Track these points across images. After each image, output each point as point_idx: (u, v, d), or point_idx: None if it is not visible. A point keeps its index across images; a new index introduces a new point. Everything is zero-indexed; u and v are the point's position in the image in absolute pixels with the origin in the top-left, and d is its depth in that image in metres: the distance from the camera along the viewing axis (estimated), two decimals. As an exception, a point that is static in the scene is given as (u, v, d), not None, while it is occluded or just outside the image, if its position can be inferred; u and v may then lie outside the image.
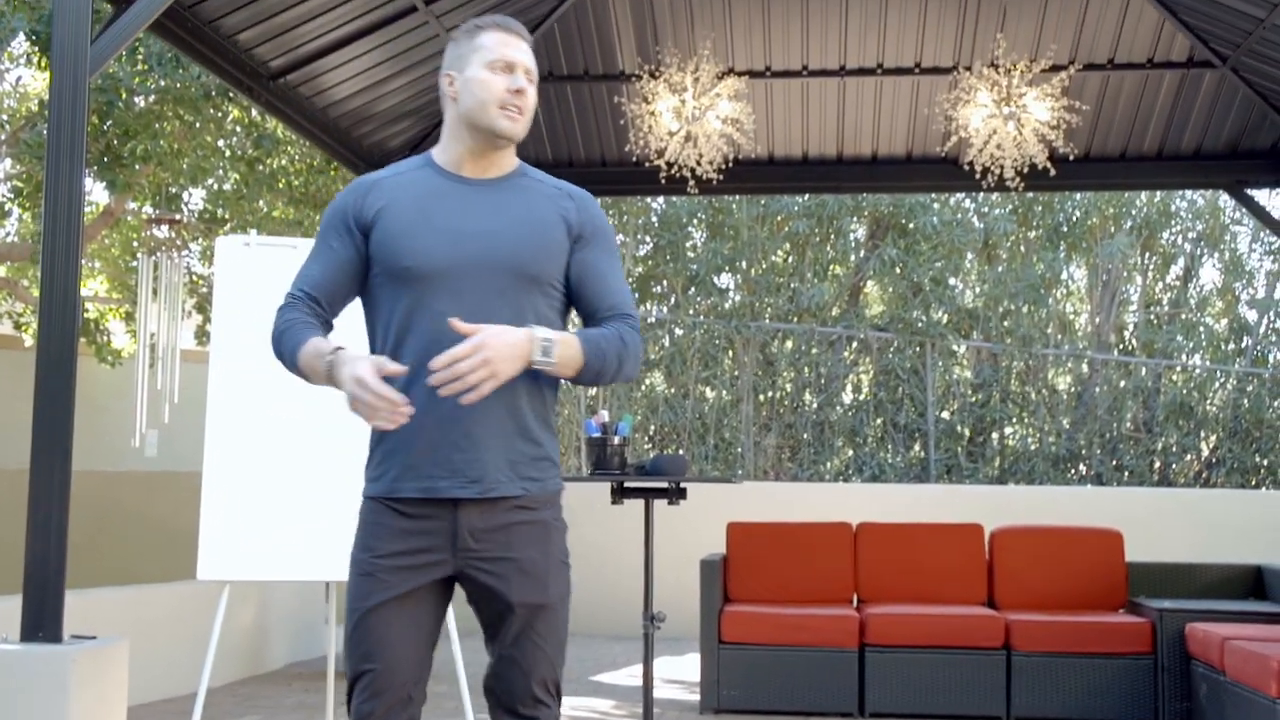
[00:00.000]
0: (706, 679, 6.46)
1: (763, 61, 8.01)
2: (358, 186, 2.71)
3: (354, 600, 2.62)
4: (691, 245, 14.11)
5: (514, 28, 2.73)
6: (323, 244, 2.70)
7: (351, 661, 2.61)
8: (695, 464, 12.81)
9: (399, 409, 2.41)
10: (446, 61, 2.74)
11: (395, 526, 2.64)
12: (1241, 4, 6.93)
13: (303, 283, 2.69)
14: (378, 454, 2.69)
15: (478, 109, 2.65)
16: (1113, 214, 13.99)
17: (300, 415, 5.10)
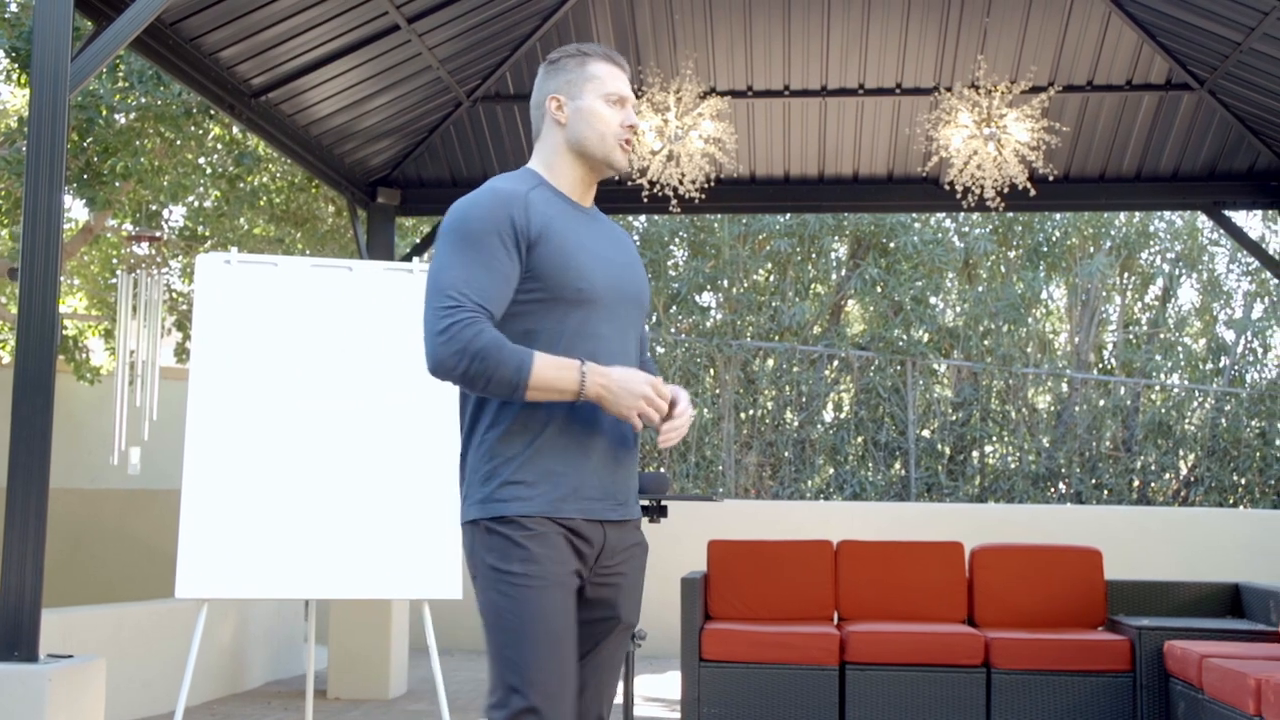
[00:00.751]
0: (687, 697, 6.45)
1: (744, 81, 8.05)
2: (508, 199, 2.63)
3: (525, 618, 2.53)
4: (673, 264, 14.13)
5: (621, 61, 2.82)
6: (484, 254, 2.57)
7: (545, 688, 2.53)
8: (676, 482, 12.81)
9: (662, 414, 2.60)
10: (551, 85, 2.78)
11: (561, 544, 2.61)
12: (1219, 27, 6.99)
13: (478, 296, 2.54)
14: (523, 472, 2.61)
15: (596, 140, 2.74)
16: (1092, 234, 14.08)
17: (280, 433, 5.09)
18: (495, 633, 2.56)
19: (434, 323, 2.52)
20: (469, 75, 7.94)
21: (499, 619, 2.55)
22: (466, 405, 2.70)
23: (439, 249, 2.63)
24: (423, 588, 5.11)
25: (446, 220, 2.65)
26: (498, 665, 2.55)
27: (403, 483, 5.19)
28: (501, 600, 2.54)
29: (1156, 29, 7.48)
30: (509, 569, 2.55)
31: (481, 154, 8.51)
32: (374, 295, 5.34)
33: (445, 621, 9.84)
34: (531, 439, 2.60)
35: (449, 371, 2.51)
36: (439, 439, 5.28)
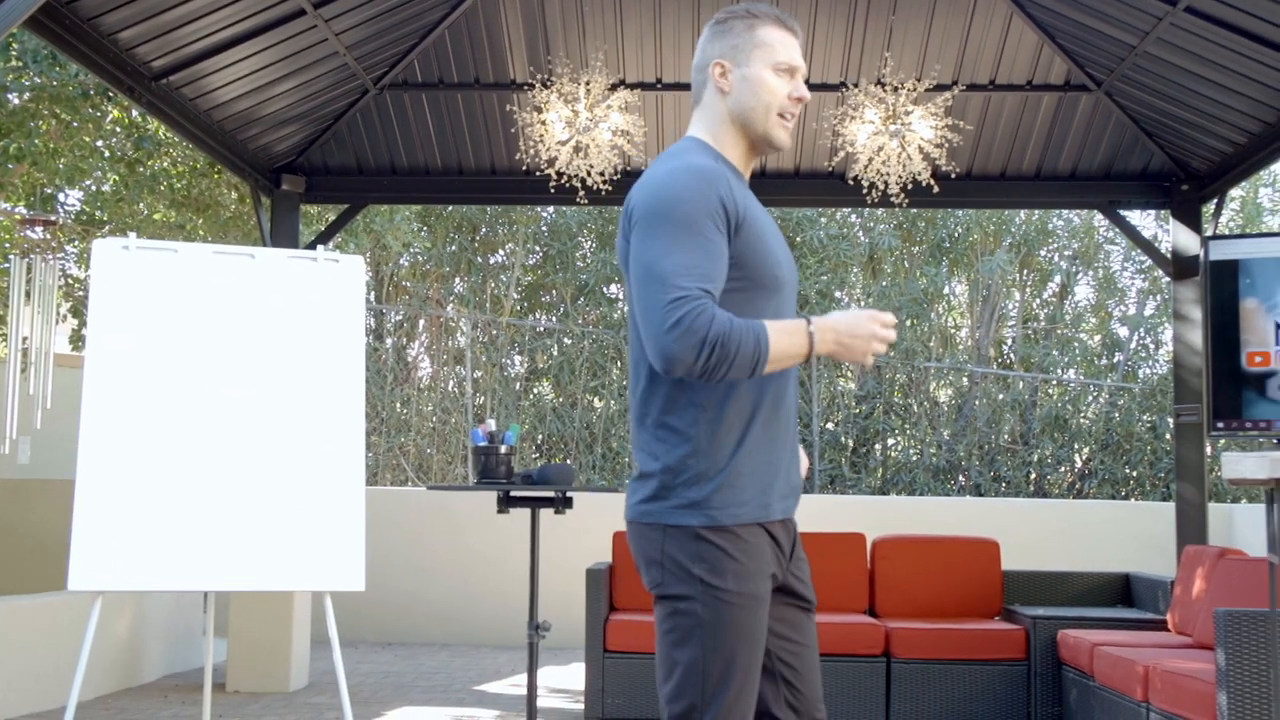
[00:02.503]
0: (591, 688, 6.47)
1: (654, 73, 8.06)
2: (713, 178, 2.45)
3: (731, 637, 2.44)
4: (581, 255, 14.12)
5: (793, 26, 2.63)
6: (699, 237, 2.39)
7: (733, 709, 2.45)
8: (582, 473, 12.82)
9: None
10: (716, 48, 2.60)
11: (767, 551, 2.52)
12: (1116, 31, 7.16)
13: (702, 280, 2.37)
14: (734, 475, 2.48)
15: (760, 112, 2.57)
16: (993, 231, 14.34)
17: (178, 422, 5.01)
18: (694, 643, 2.44)
19: (661, 318, 2.35)
20: (376, 62, 7.86)
21: (701, 631, 2.44)
22: (654, 396, 2.52)
23: (647, 235, 2.43)
24: (325, 579, 5.06)
25: (650, 202, 2.45)
26: (696, 678, 2.45)
27: (304, 473, 5.13)
28: (707, 614, 2.43)
29: (1056, 31, 7.64)
30: (723, 585, 2.44)
31: (389, 142, 8.42)
32: (277, 283, 5.27)
33: (348, 613, 9.75)
34: (740, 437, 2.49)
35: (687, 366, 2.35)
36: (341, 429, 5.23)
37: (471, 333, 13.68)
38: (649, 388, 2.53)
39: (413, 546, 10.12)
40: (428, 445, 13.19)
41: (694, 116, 2.67)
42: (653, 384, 2.52)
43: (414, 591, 10.06)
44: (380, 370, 13.10)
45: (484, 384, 13.39)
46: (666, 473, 2.48)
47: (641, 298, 2.40)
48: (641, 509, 2.53)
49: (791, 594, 2.64)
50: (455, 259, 13.97)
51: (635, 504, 2.55)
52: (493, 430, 5.34)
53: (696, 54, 2.67)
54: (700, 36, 2.69)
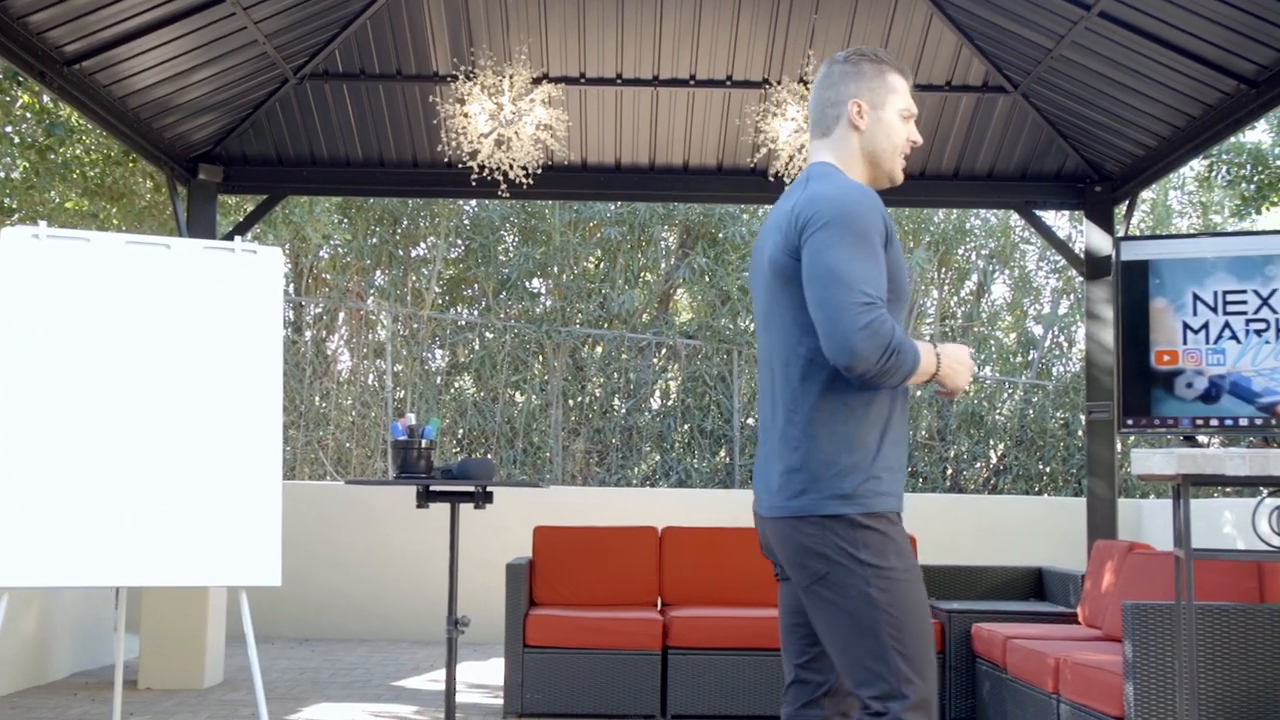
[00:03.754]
0: (510, 683, 6.45)
1: (577, 68, 8.05)
2: (876, 198, 2.72)
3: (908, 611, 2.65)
4: (503, 249, 14.07)
5: (908, 73, 2.95)
6: (874, 250, 2.65)
7: (928, 676, 2.66)
8: (503, 468, 12.78)
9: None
10: (852, 88, 2.87)
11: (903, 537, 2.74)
12: (1032, 33, 7.28)
13: (879, 290, 2.62)
14: (880, 467, 2.70)
15: (888, 152, 2.87)
16: (912, 229, 14.51)
17: (89, 414, 4.91)
18: (877, 627, 2.62)
19: (853, 317, 2.55)
20: (297, 52, 7.76)
21: (880, 613, 2.62)
22: (806, 395, 2.72)
23: (829, 241, 2.63)
24: (240, 574, 4.99)
25: (831, 212, 2.66)
26: (885, 658, 2.61)
27: (219, 466, 5.06)
28: (881, 595, 2.62)
29: (975, 32, 7.74)
30: (888, 564, 2.64)
31: (309, 133, 8.33)
32: (193, 274, 5.18)
33: (264, 608, 9.64)
34: (881, 433, 2.71)
35: (867, 365, 2.55)
36: (258, 422, 5.16)
37: (392, 326, 13.57)
38: (801, 388, 2.73)
39: (330, 541, 10.02)
40: (347, 439, 13.07)
41: (819, 145, 2.92)
42: (805, 384, 2.73)
43: (332, 586, 9.96)
44: (299, 363, 12.95)
45: (404, 378, 13.29)
46: (820, 467, 2.68)
47: (826, 299, 2.60)
48: (795, 504, 2.70)
49: None
50: (376, 251, 13.84)
51: (785, 499, 2.73)
52: (412, 424, 5.31)
53: (824, 88, 2.92)
54: (823, 72, 2.95)
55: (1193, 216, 15.73)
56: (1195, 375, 4.52)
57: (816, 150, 2.92)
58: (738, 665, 6.48)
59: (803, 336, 2.72)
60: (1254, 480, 4.14)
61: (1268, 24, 6.09)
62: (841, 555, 2.64)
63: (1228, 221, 14.74)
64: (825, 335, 2.60)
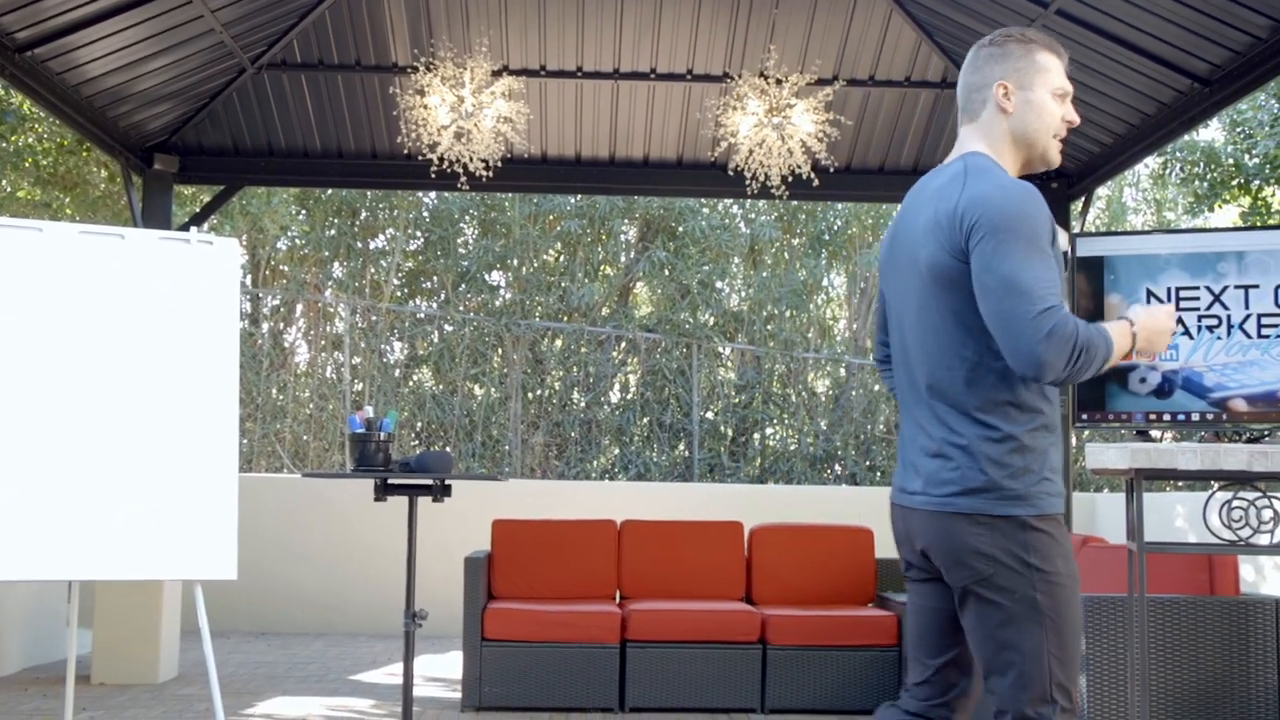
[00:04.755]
0: (468, 676, 6.44)
1: (538, 61, 8.03)
2: (1040, 195, 2.67)
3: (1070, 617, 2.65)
4: (463, 241, 14.02)
5: (1062, 51, 2.83)
6: (1045, 252, 2.61)
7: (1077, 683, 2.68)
8: (462, 461, 12.74)
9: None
10: (998, 70, 2.79)
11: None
12: (989, 30, 7.31)
13: (1056, 293, 2.58)
14: (1050, 469, 2.70)
15: (1041, 133, 2.77)
16: (871, 224, 14.57)
17: (42, 406, 4.86)
18: (1039, 630, 2.60)
19: (1035, 329, 2.52)
20: (254, 41, 7.69)
21: (1044, 617, 2.61)
22: (973, 394, 2.69)
23: (1000, 248, 2.58)
24: (195, 568, 4.95)
25: (998, 217, 2.60)
26: (1043, 662, 2.60)
27: (175, 459, 5.02)
28: (1045, 600, 2.61)
29: (934, 29, 7.78)
30: (1054, 569, 2.62)
31: (266, 123, 8.26)
32: (148, 266, 5.13)
33: (220, 602, 9.57)
34: (1052, 435, 2.71)
35: (1057, 371, 2.55)
36: (214, 415, 5.12)
37: (350, 318, 13.50)
38: (968, 390, 2.70)
39: (287, 534, 9.96)
40: (304, 432, 12.99)
41: (968, 131, 2.85)
42: (972, 387, 2.70)
43: (288, 580, 9.91)
44: (255, 355, 12.86)
45: (363, 370, 13.23)
46: (993, 467, 2.65)
47: (1003, 310, 2.57)
48: (963, 501, 2.67)
49: None
50: (334, 243, 13.76)
51: (948, 496, 2.69)
52: (370, 417, 5.28)
53: (970, 73, 2.85)
54: (969, 56, 2.88)
55: (1147, 213, 15.89)
56: (1149, 370, 4.57)
57: (966, 137, 2.85)
58: (695, 658, 6.49)
59: (967, 339, 2.69)
60: (1205, 474, 4.19)
61: (1221, 24, 6.15)
62: (1009, 557, 2.63)
63: (1181, 219, 14.90)
64: (1009, 350, 2.58)
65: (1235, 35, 6.21)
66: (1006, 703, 2.63)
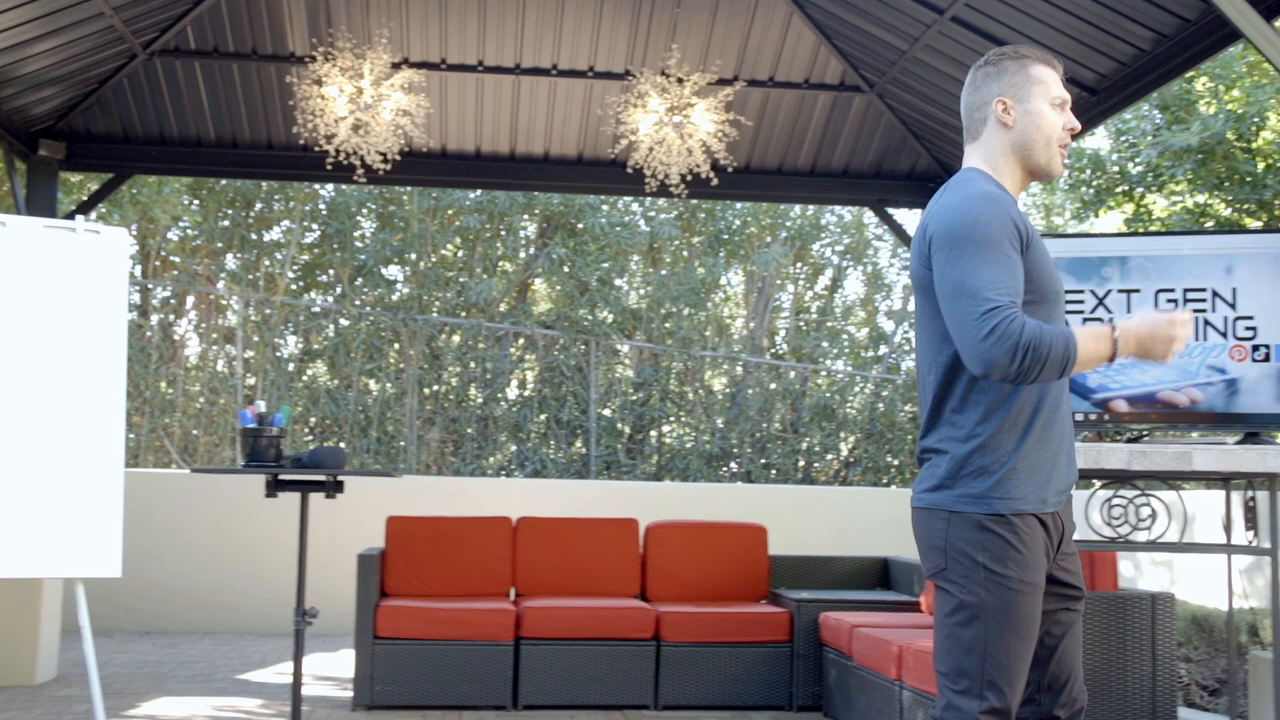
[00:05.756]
0: (360, 674, 6.37)
1: (438, 54, 7.97)
2: (1004, 202, 2.74)
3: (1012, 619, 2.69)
4: (360, 235, 13.86)
5: (1056, 63, 2.91)
6: (999, 255, 2.66)
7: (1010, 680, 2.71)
8: (356, 457, 12.60)
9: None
10: (996, 87, 2.88)
11: (1041, 542, 2.75)
12: (888, 35, 7.44)
13: (1006, 292, 2.64)
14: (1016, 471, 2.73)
15: (1041, 144, 2.84)
16: (769, 224, 14.71)
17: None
18: (977, 627, 2.68)
19: (977, 329, 2.60)
20: (146, 26, 7.52)
21: (985, 615, 2.68)
22: (950, 394, 2.80)
23: (951, 256, 2.69)
24: (78, 565, 4.84)
25: (950, 226, 2.71)
26: (979, 657, 2.68)
27: (58, 454, 4.89)
28: (990, 599, 2.68)
29: (833, 32, 7.88)
30: (1004, 571, 2.68)
31: (158, 110, 8.08)
32: (31, 254, 4.99)
33: (103, 600, 9.35)
34: (1022, 435, 2.74)
35: (1004, 370, 2.60)
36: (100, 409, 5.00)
37: (243, 311, 13.27)
38: (943, 391, 2.82)
39: (175, 531, 9.76)
40: (194, 426, 12.74)
41: (970, 150, 2.95)
42: (947, 388, 2.81)
43: (176, 577, 9.71)
44: (144, 348, 12.58)
45: (255, 364, 13.01)
46: (954, 464, 2.76)
47: (954, 313, 2.67)
48: (927, 497, 2.81)
49: (1058, 583, 2.86)
50: (228, 234, 13.51)
51: (920, 492, 2.84)
52: (262, 412, 5.20)
53: (969, 94, 2.95)
54: (968, 78, 2.99)
55: (1036, 218, 16.26)
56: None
57: (967, 155, 2.96)
58: (589, 655, 6.50)
59: (943, 345, 2.81)
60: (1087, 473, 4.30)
61: (1108, 35, 6.32)
62: (960, 554, 2.73)
63: (1068, 224, 15.28)
64: (960, 351, 2.68)
65: (1121, 47, 6.38)
66: (941, 688, 2.75)
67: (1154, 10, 5.98)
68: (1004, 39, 6.78)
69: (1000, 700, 2.69)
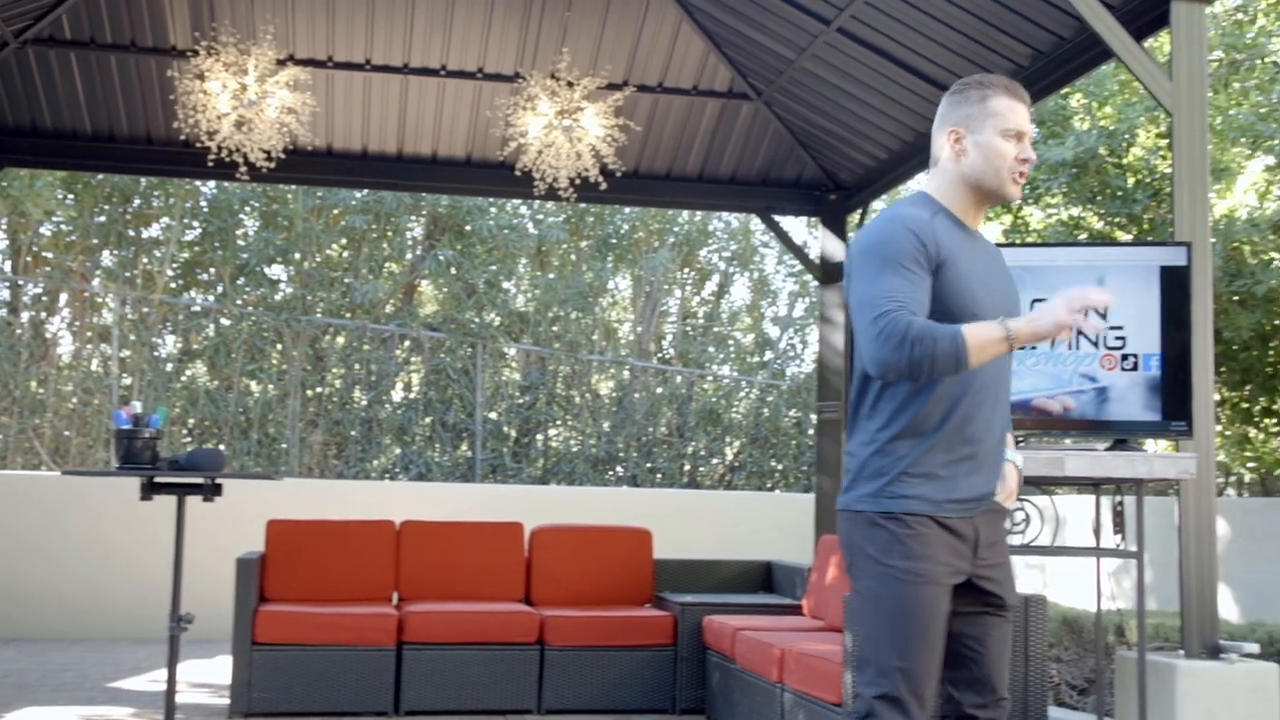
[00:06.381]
0: (237, 681, 6.25)
1: (325, 51, 7.86)
2: (914, 224, 2.82)
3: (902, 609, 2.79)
4: (243, 233, 13.60)
5: (1021, 93, 2.95)
6: (901, 268, 2.76)
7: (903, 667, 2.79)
8: (236, 459, 12.36)
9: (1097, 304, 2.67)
10: (952, 118, 2.95)
11: (938, 543, 2.82)
12: (776, 44, 7.52)
13: (901, 298, 2.74)
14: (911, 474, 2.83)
15: (992, 175, 2.90)
16: (657, 229, 14.78)
17: None
18: (870, 615, 2.82)
19: (870, 332, 2.74)
20: (18, 14, 7.29)
21: (878, 606, 2.81)
22: (863, 403, 2.93)
23: (857, 272, 2.83)
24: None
25: (858, 246, 2.86)
26: (871, 646, 2.80)
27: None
28: (879, 588, 2.80)
29: (722, 39, 7.94)
30: (889, 562, 2.80)
31: (31, 101, 7.84)
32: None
33: None
34: (921, 442, 2.83)
35: (894, 367, 2.71)
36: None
37: (120, 309, 12.93)
38: (857, 397, 2.96)
39: (45, 535, 9.47)
40: (66, 427, 12.37)
41: (930, 174, 3.05)
42: (860, 393, 2.95)
43: (45, 583, 9.42)
44: (14, 346, 12.18)
45: (132, 364, 12.69)
46: (858, 466, 2.90)
47: (856, 323, 2.82)
48: (840, 500, 2.97)
49: (979, 591, 2.93)
50: (104, 230, 13.16)
51: (840, 495, 2.99)
52: (138, 413, 5.07)
53: (934, 122, 3.04)
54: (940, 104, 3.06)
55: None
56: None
57: (927, 179, 3.05)
58: (473, 660, 6.46)
59: (859, 357, 2.92)
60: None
61: (989, 50, 6.48)
62: (857, 549, 2.88)
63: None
64: (861, 355, 2.82)
65: (1000, 62, 6.54)
66: (854, 677, 2.95)
67: (1032, 28, 6.14)
68: (889, 51, 6.91)
69: (891, 687, 2.77)
